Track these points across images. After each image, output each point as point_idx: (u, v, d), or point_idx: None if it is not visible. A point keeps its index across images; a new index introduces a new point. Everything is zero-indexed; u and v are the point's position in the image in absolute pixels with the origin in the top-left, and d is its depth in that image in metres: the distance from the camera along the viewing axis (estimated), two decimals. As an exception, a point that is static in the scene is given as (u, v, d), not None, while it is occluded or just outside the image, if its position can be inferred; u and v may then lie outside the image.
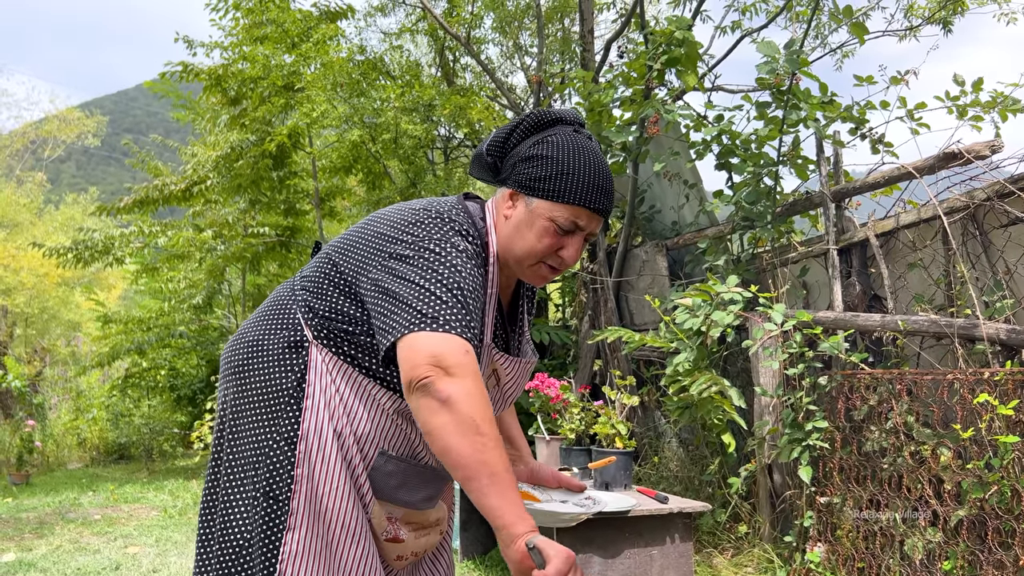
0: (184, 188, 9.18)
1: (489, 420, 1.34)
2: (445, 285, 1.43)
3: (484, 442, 1.32)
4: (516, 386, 1.74)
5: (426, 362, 1.35)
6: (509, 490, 1.33)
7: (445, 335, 1.38)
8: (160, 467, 9.45)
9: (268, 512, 1.56)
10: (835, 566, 3.48)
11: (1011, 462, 2.74)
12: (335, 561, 1.56)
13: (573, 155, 1.56)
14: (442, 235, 1.52)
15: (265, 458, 1.57)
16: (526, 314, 1.80)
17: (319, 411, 1.56)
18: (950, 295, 3.48)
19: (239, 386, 1.65)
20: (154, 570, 4.23)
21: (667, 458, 5.23)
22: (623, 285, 6.15)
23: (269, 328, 1.65)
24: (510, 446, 1.91)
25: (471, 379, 1.35)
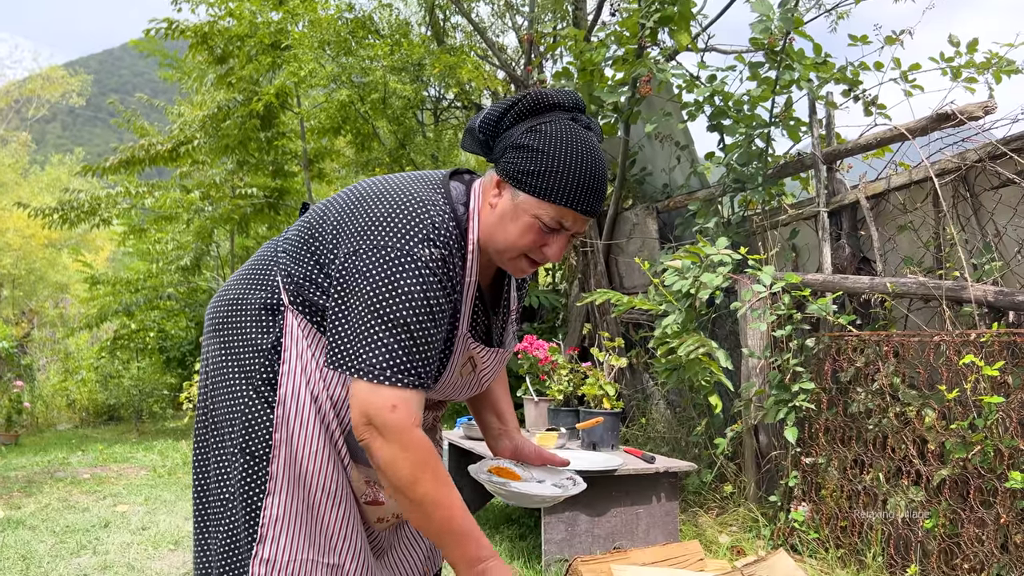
0: (171, 148, 9.06)
1: (412, 481, 1.42)
2: (391, 322, 1.42)
3: (409, 507, 1.44)
4: (493, 372, 1.73)
5: (360, 422, 1.43)
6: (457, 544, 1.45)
7: (377, 387, 1.42)
8: (150, 428, 9.46)
9: (246, 468, 1.57)
10: (819, 525, 3.52)
11: (995, 422, 2.76)
12: (316, 524, 1.56)
13: (565, 151, 1.48)
14: (409, 248, 1.45)
15: (240, 414, 1.58)
16: (512, 293, 1.77)
17: (296, 376, 1.56)
18: (939, 257, 3.48)
19: (219, 341, 1.66)
20: (143, 527, 4.25)
21: (654, 420, 5.27)
22: (613, 248, 6.14)
23: (249, 287, 1.65)
24: (498, 420, 1.90)
25: (396, 439, 1.41)
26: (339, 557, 1.57)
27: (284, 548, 1.55)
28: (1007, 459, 2.71)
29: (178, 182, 10.22)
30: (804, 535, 3.52)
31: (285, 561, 1.55)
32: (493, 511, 4.67)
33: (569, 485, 1.81)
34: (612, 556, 3.17)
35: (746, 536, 3.80)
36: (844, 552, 3.35)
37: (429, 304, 1.44)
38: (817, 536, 3.49)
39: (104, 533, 4.12)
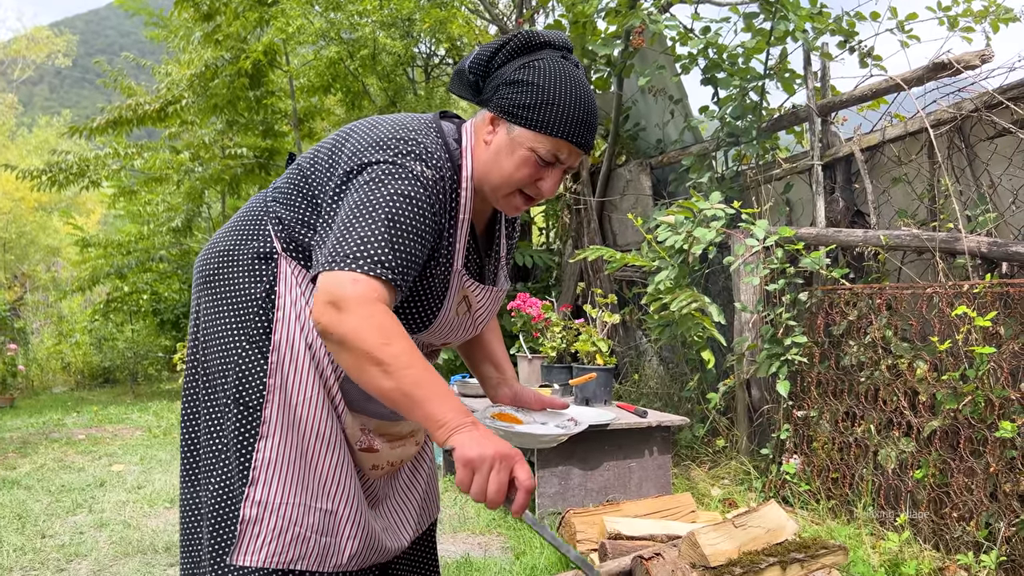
0: (159, 108, 8.94)
1: (386, 342, 1.32)
2: (375, 217, 1.39)
3: (386, 369, 1.32)
4: (488, 312, 1.73)
5: (322, 302, 1.35)
6: (424, 401, 1.33)
7: (343, 272, 1.36)
8: (145, 390, 9.48)
9: (240, 418, 1.56)
10: (810, 477, 3.55)
11: (986, 373, 2.76)
12: (310, 469, 1.56)
13: (560, 84, 1.50)
14: (396, 160, 1.47)
15: (234, 364, 1.57)
16: (503, 241, 1.76)
17: (290, 322, 1.56)
18: (933, 210, 3.46)
19: (210, 294, 1.65)
20: (139, 486, 4.27)
21: (647, 376, 5.28)
22: (606, 205, 6.10)
23: (240, 238, 1.64)
24: (495, 369, 1.89)
25: (358, 309, 1.33)
26: (332, 502, 1.57)
27: (276, 491, 1.55)
28: (997, 409, 2.72)
29: (167, 143, 10.10)
30: (795, 487, 3.55)
31: (277, 504, 1.54)
32: (487, 467, 4.70)
33: (571, 426, 1.81)
34: (604, 508, 3.19)
35: (738, 489, 3.83)
36: (835, 503, 3.38)
37: (413, 208, 1.43)
38: (808, 488, 3.51)
39: (100, 492, 4.14)
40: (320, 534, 1.56)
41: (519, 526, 3.49)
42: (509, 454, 1.32)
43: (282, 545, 1.54)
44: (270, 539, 1.54)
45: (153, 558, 3.15)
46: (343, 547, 1.58)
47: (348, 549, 1.59)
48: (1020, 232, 3.12)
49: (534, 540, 3.23)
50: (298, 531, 1.55)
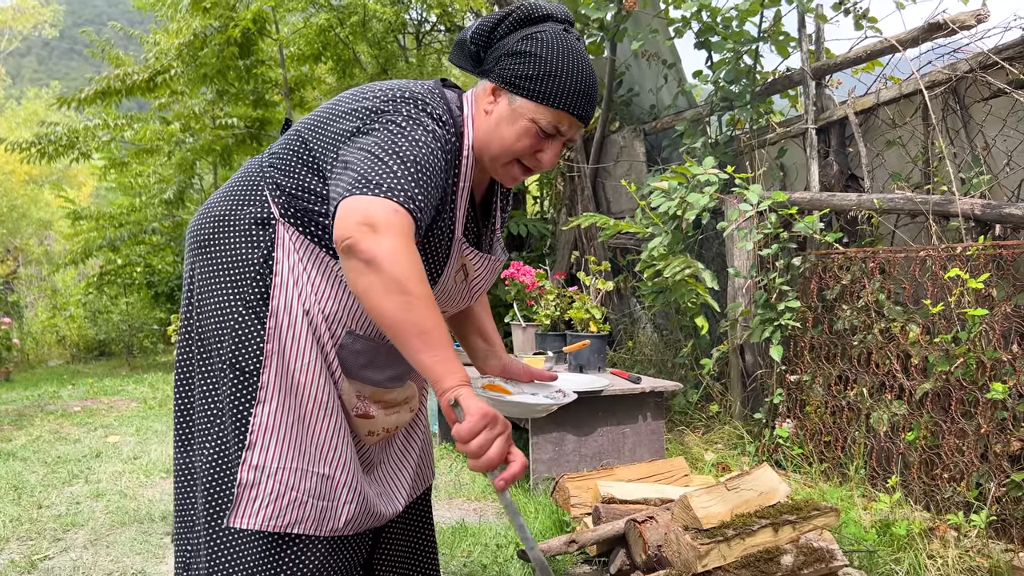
0: (147, 78, 8.82)
1: (418, 278, 1.31)
2: (399, 156, 1.40)
3: (410, 301, 1.30)
4: (484, 282, 1.73)
5: (355, 221, 1.31)
6: (439, 347, 1.32)
7: (378, 198, 1.33)
8: (141, 363, 9.49)
9: (235, 383, 1.57)
10: (803, 440, 3.57)
11: (978, 335, 2.76)
12: (307, 435, 1.57)
13: (562, 57, 1.51)
14: (410, 113, 1.49)
15: (230, 329, 1.57)
16: (499, 211, 1.77)
17: (288, 289, 1.56)
18: (927, 172, 3.44)
19: (205, 259, 1.64)
20: (135, 456, 4.28)
21: (641, 343, 5.29)
22: (600, 172, 6.07)
23: (236, 203, 1.63)
24: (484, 342, 1.91)
25: (397, 237, 1.31)
26: (329, 467, 1.58)
27: (274, 456, 1.55)
28: (989, 371, 2.72)
29: (157, 114, 10.01)
30: (788, 450, 3.57)
31: (274, 468, 1.55)
32: (482, 435, 4.72)
33: (560, 397, 1.81)
34: (598, 473, 3.21)
35: (731, 453, 3.85)
36: (827, 466, 3.41)
37: (435, 156, 1.44)
38: (801, 451, 3.53)
39: (96, 463, 4.15)
40: (317, 498, 1.57)
41: (514, 491, 3.51)
42: (504, 422, 1.33)
43: (279, 509, 1.55)
44: (267, 503, 1.55)
45: (150, 527, 3.16)
46: (340, 512, 1.59)
47: (344, 514, 1.60)
48: (1014, 194, 3.11)
49: (528, 505, 3.25)
50: (295, 495, 1.56)
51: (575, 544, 2.64)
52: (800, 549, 2.39)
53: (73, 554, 2.88)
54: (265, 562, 1.57)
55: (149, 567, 2.74)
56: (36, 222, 16.40)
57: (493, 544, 2.91)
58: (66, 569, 2.72)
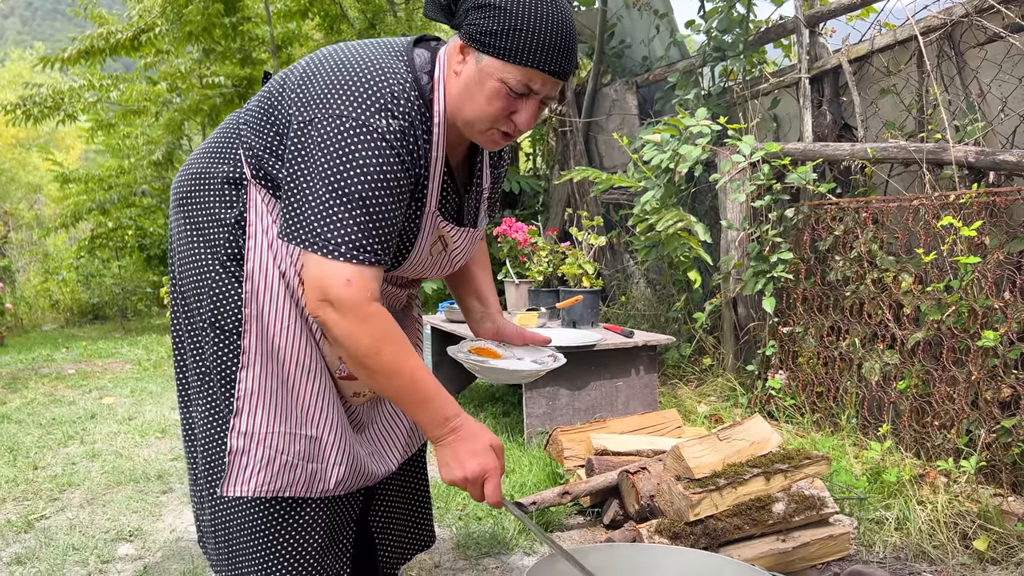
0: (132, 37, 8.67)
1: (374, 352, 1.39)
2: (347, 197, 1.36)
3: (372, 375, 1.41)
4: (464, 252, 1.69)
5: (315, 299, 1.39)
6: (412, 409, 1.44)
7: (331, 262, 1.37)
8: (135, 325, 9.47)
9: (217, 342, 1.57)
10: (795, 391, 3.58)
11: (970, 283, 2.75)
12: (292, 398, 1.56)
13: (529, 7, 1.37)
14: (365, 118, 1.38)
15: (208, 288, 1.57)
16: (486, 173, 1.70)
17: (262, 251, 1.54)
18: (921, 121, 3.41)
19: (183, 216, 1.63)
20: (130, 417, 4.28)
21: (635, 298, 5.28)
22: (592, 127, 6.00)
23: (211, 160, 1.61)
24: (480, 303, 1.87)
25: (351, 314, 1.38)
26: (316, 429, 1.58)
27: (261, 421, 1.56)
28: (980, 318, 2.72)
29: (143, 74, 9.86)
30: (781, 401, 3.59)
31: (262, 434, 1.55)
32: (477, 390, 4.74)
33: (549, 362, 1.79)
34: (591, 426, 3.22)
35: (724, 405, 3.87)
36: (819, 416, 3.42)
37: (387, 180, 1.38)
38: (793, 402, 3.55)
39: (91, 424, 4.16)
40: (307, 461, 1.58)
41: (509, 446, 3.53)
42: (480, 473, 1.43)
43: (270, 474, 1.56)
44: (258, 469, 1.56)
45: (146, 486, 3.18)
46: (330, 473, 1.60)
47: (335, 475, 1.60)
48: (1008, 140, 3.08)
49: (523, 459, 3.27)
50: (285, 459, 1.56)
51: (569, 496, 2.66)
52: (791, 497, 2.41)
53: (70, 513, 2.89)
54: (260, 524, 1.58)
55: (146, 524, 2.76)
56: (25, 186, 16.28)
57: (487, 497, 2.93)
58: (63, 528, 2.73)
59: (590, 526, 2.72)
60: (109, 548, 2.56)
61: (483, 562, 2.45)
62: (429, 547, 2.02)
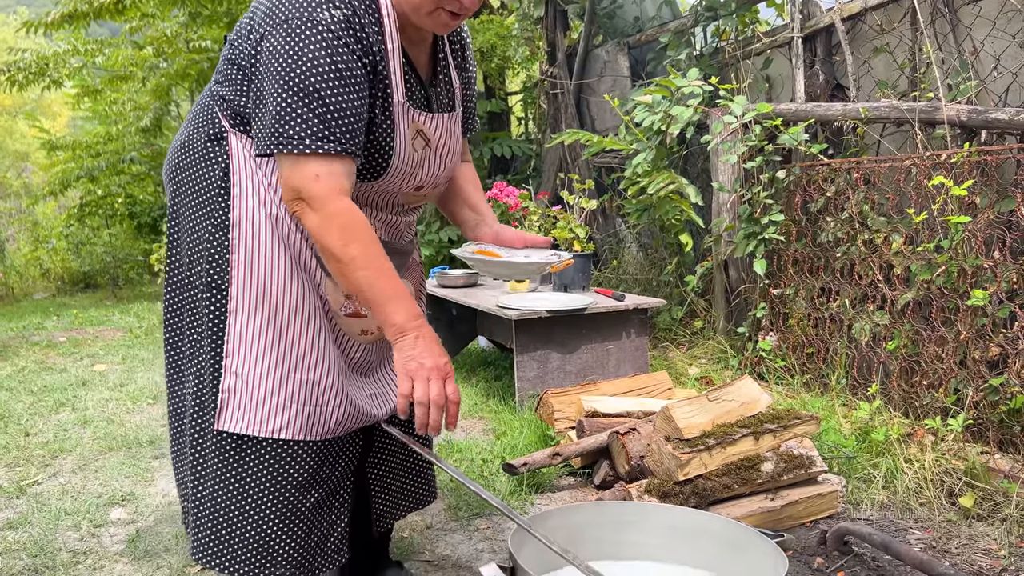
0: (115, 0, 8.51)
1: (343, 243, 1.41)
2: (301, 92, 1.40)
3: (342, 266, 1.43)
4: (448, 144, 1.67)
5: (289, 197, 1.44)
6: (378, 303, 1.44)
7: (299, 158, 1.41)
8: (127, 293, 9.44)
9: (213, 301, 1.58)
10: (785, 353, 3.59)
11: (960, 243, 2.75)
12: (285, 343, 1.57)
13: None
14: (307, 13, 1.42)
15: (205, 252, 1.58)
16: (452, 69, 1.70)
17: (247, 197, 1.56)
18: (914, 79, 3.37)
19: (176, 189, 1.66)
20: (121, 384, 4.28)
21: (626, 263, 5.28)
22: (584, 89, 5.95)
23: (193, 128, 1.65)
24: (472, 212, 1.86)
25: (322, 209, 1.41)
26: (313, 373, 1.59)
27: (253, 363, 1.57)
28: (970, 278, 2.72)
29: (129, 38, 9.70)
30: (771, 363, 3.60)
31: (254, 375, 1.57)
32: (468, 355, 4.75)
33: (555, 259, 1.76)
34: (582, 388, 3.23)
35: (715, 367, 3.88)
36: (809, 377, 3.44)
37: (337, 69, 1.42)
38: (784, 363, 3.56)
39: (82, 391, 4.15)
40: (303, 403, 1.58)
41: (500, 409, 3.54)
42: (442, 367, 1.43)
43: (262, 415, 1.57)
44: (250, 407, 1.57)
45: (138, 451, 3.18)
46: (328, 415, 1.61)
47: (334, 416, 1.62)
48: (1001, 98, 3.06)
49: (514, 422, 3.28)
50: (277, 401, 1.57)
51: (559, 457, 2.67)
52: (780, 456, 2.42)
53: (62, 479, 2.90)
54: (255, 468, 1.58)
55: (138, 489, 2.77)
56: (12, 154, 16.11)
57: (479, 459, 2.95)
58: (55, 493, 2.74)
59: (581, 487, 2.74)
60: (101, 512, 2.57)
61: (474, 523, 2.47)
62: (430, 503, 2.03)
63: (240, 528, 1.60)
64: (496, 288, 4.30)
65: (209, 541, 1.62)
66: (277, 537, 1.61)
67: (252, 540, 1.60)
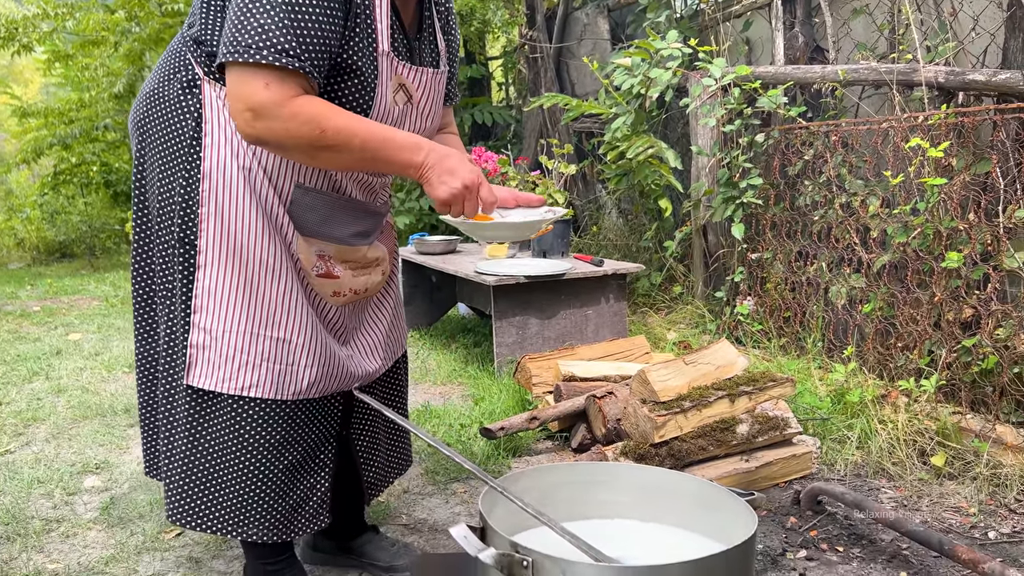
0: (85, -39, 8.31)
1: (319, 133, 1.33)
2: (271, 3, 1.31)
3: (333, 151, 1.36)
4: (430, 102, 1.64)
5: (237, 110, 1.33)
6: (386, 156, 1.39)
7: (249, 68, 1.31)
8: (104, 263, 9.32)
9: (184, 256, 1.55)
10: (763, 317, 3.61)
11: (936, 205, 2.75)
12: (256, 298, 1.55)
13: None
14: None
15: (175, 205, 1.54)
16: (437, 27, 1.66)
17: (219, 148, 1.51)
18: (893, 41, 3.35)
19: (144, 139, 1.61)
20: (96, 353, 4.24)
21: (606, 229, 5.26)
22: (564, 53, 5.88)
23: (164, 77, 1.59)
24: None
25: (278, 113, 1.32)
26: (283, 331, 1.57)
27: (221, 319, 1.54)
28: (945, 240, 2.73)
29: (100, 1, 9.48)
30: (749, 327, 3.61)
31: (222, 331, 1.54)
32: (448, 323, 4.73)
33: (549, 216, 1.73)
34: (560, 353, 3.23)
35: (693, 332, 3.89)
36: (786, 340, 3.45)
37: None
38: (761, 327, 3.57)
39: (56, 360, 4.11)
40: (273, 362, 1.56)
41: (479, 375, 3.54)
42: (474, 183, 1.41)
43: (231, 372, 1.55)
44: (219, 364, 1.55)
45: (112, 419, 3.16)
46: (300, 375, 1.58)
47: (306, 377, 1.59)
48: (979, 60, 3.05)
49: (492, 387, 3.28)
50: (246, 358, 1.55)
51: (536, 421, 2.68)
52: (756, 418, 2.44)
53: (35, 447, 2.87)
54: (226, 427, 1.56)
55: (112, 457, 2.75)
56: (-17, 122, 15.77)
57: (457, 424, 2.95)
58: (28, 462, 2.71)
59: (558, 451, 2.75)
60: (75, 480, 2.55)
61: (451, 487, 2.47)
62: (406, 470, 2.03)
63: (211, 486, 1.59)
64: (475, 254, 4.28)
65: (181, 498, 1.61)
66: (249, 498, 1.60)
67: (223, 499, 1.59)
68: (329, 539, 1.95)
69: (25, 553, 2.07)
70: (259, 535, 1.62)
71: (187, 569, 1.97)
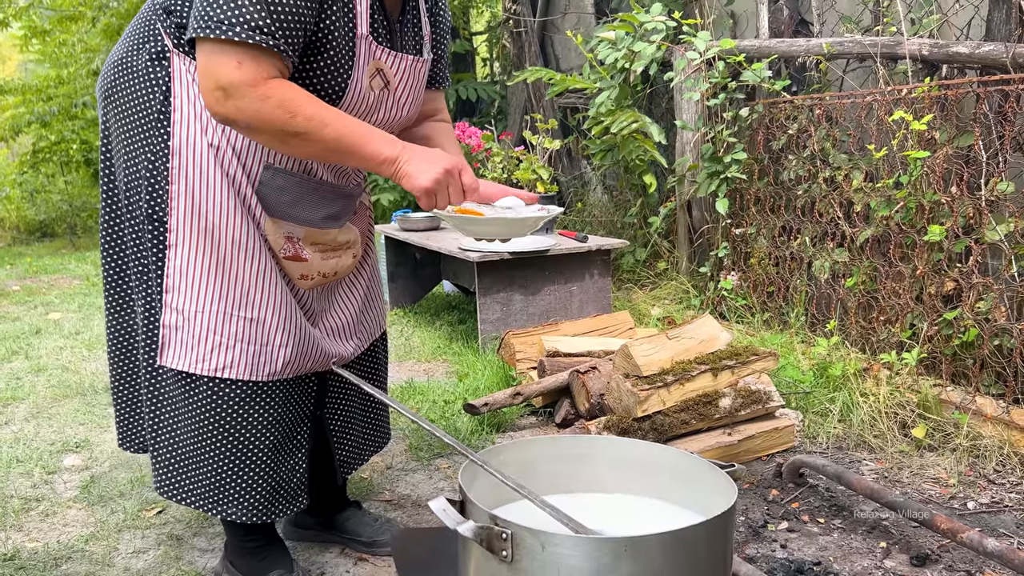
0: (60, -66, 8.15)
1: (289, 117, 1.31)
2: None
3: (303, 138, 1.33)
4: (409, 90, 1.60)
5: (208, 88, 1.31)
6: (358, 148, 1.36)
7: (221, 45, 1.28)
8: (85, 242, 9.22)
9: (155, 234, 1.52)
10: (747, 292, 3.61)
11: (919, 178, 2.75)
12: (228, 278, 1.52)
13: None
14: None
15: (144, 180, 1.51)
16: (423, 11, 1.62)
17: (189, 124, 1.48)
18: (877, 14, 3.34)
19: (111, 108, 1.57)
20: (76, 332, 4.20)
21: (591, 205, 5.25)
22: (548, 27, 5.83)
23: (132, 44, 1.54)
24: None
25: (250, 93, 1.29)
26: (257, 311, 1.54)
27: (193, 299, 1.52)
28: (927, 213, 2.73)
29: (77, -25, 9.31)
30: (732, 302, 3.62)
31: (193, 311, 1.52)
32: (432, 300, 4.71)
33: (544, 214, 1.70)
34: (544, 328, 3.22)
35: (677, 307, 3.89)
36: (770, 315, 3.46)
37: None
38: (745, 302, 3.58)
39: (36, 339, 4.07)
40: (246, 343, 1.54)
41: (463, 352, 3.53)
42: (454, 167, 1.39)
43: (204, 352, 1.53)
44: (192, 345, 1.53)
45: (93, 398, 3.13)
46: (275, 355, 1.56)
47: (281, 357, 1.57)
48: (963, 32, 3.04)
49: (476, 364, 3.27)
50: (219, 339, 1.53)
51: (520, 396, 2.67)
52: (738, 392, 2.44)
53: (14, 426, 2.84)
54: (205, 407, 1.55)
55: (92, 436, 2.72)
56: (-40, 99, 15.51)
57: (441, 400, 2.94)
58: (7, 441, 2.69)
59: (542, 426, 2.75)
60: (55, 459, 2.52)
61: (435, 462, 2.47)
62: (384, 446, 2.01)
63: (193, 463, 1.58)
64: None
65: (166, 471, 1.61)
66: (229, 478, 1.58)
67: (204, 477, 1.58)
68: (311, 515, 1.94)
69: (4, 532, 2.05)
70: (238, 515, 1.60)
71: (168, 547, 1.96)
